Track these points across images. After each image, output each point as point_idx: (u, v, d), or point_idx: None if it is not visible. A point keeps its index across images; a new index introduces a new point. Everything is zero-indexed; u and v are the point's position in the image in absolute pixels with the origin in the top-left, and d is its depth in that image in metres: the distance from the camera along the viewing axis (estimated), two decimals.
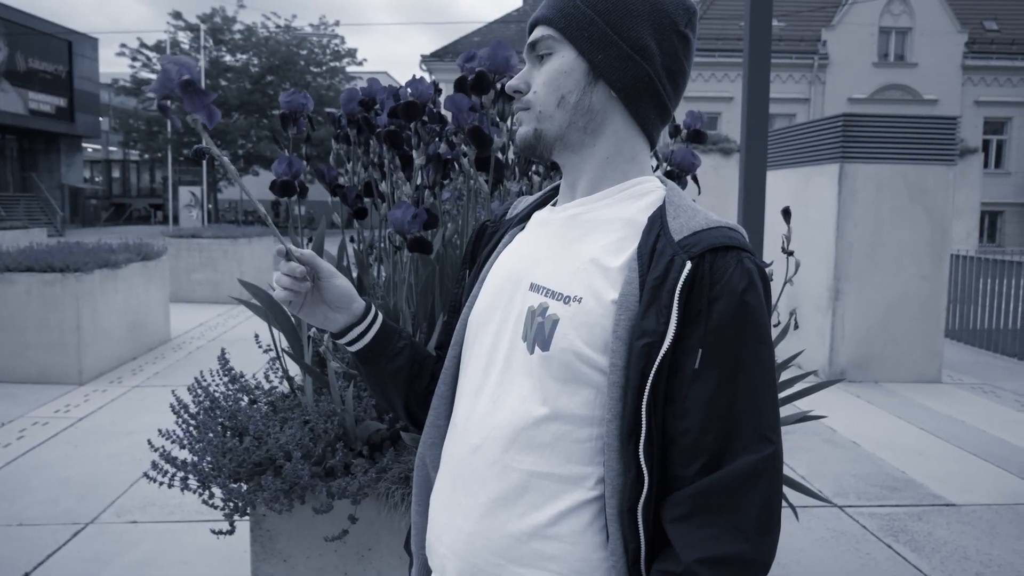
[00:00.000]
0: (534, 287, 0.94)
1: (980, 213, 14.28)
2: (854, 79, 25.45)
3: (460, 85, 1.79)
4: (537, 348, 0.90)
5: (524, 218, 1.07)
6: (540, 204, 1.08)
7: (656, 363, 0.82)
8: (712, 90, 25.21)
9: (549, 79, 0.94)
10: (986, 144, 25.09)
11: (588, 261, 0.92)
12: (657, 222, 0.90)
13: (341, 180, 2.29)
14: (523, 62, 1.02)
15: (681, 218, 0.89)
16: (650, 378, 0.83)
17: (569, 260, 0.93)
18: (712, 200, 8.68)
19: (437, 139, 1.96)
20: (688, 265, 0.83)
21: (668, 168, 1.94)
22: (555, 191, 1.08)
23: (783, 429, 2.17)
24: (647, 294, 0.85)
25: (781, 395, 2.11)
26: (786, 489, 2.15)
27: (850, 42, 25.41)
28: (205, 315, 9.26)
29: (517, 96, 0.97)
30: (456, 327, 1.07)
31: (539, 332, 0.91)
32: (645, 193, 0.96)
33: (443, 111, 2.01)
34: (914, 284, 6.44)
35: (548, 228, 1.00)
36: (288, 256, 1.00)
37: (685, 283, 0.83)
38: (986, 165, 23.52)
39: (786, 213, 1.96)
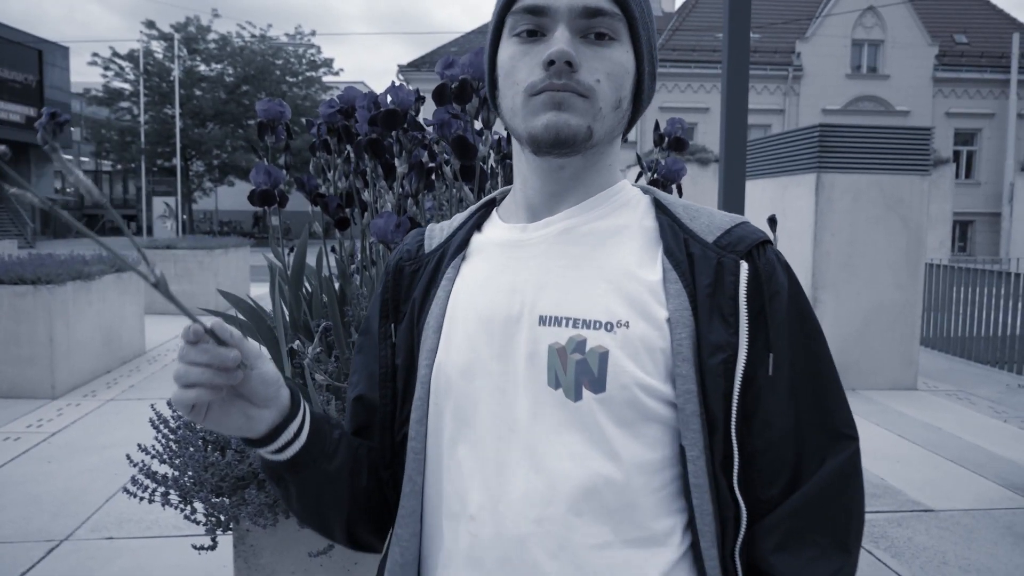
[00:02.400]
0: (547, 320, 0.77)
1: (952, 222, 14.53)
2: (828, 90, 25.84)
3: (440, 93, 1.78)
4: (587, 391, 0.74)
5: (462, 245, 0.88)
6: (474, 226, 0.91)
7: (739, 379, 0.75)
8: (688, 101, 25.45)
9: (615, 72, 0.78)
10: (957, 155, 25.57)
11: (619, 277, 0.78)
12: (671, 226, 0.82)
13: (321, 189, 2.27)
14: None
15: (701, 218, 0.82)
16: (735, 398, 0.75)
17: (590, 280, 0.78)
18: None
19: (420, 147, 1.95)
20: (744, 266, 0.78)
21: (654, 177, 1.95)
22: (485, 211, 0.92)
23: None
24: (704, 304, 0.76)
25: None
26: None
27: (824, 54, 25.80)
28: (181, 327, 9.09)
29: (566, 70, 0.75)
30: (409, 396, 0.85)
31: (583, 372, 0.74)
32: (633, 198, 0.86)
33: (423, 122, 2.00)
34: (890, 293, 6.52)
35: (531, 249, 0.82)
36: (210, 336, 0.68)
37: (747, 286, 0.77)
38: (957, 176, 23.93)
39: (772, 221, 1.96)
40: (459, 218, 0.93)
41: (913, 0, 25.64)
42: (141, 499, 1.97)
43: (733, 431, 0.75)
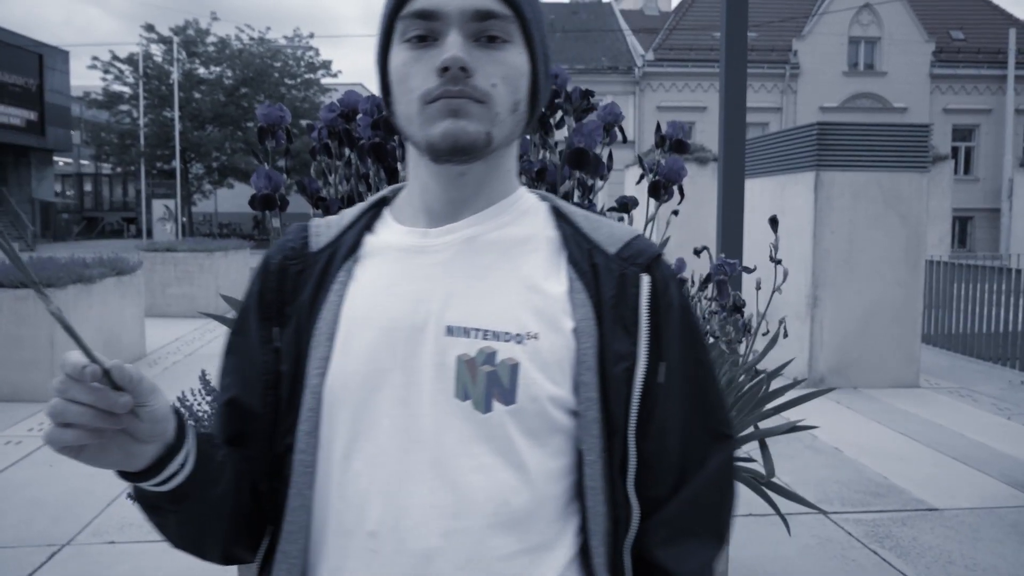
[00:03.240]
0: (455, 331, 0.76)
1: (952, 219, 14.51)
2: (825, 88, 25.82)
3: None
4: (496, 403, 0.74)
5: (354, 246, 0.84)
6: (365, 227, 0.87)
7: (638, 386, 0.78)
8: (686, 100, 25.43)
9: (511, 75, 0.77)
10: (955, 151, 25.54)
11: (526, 289, 0.78)
12: (574, 235, 0.83)
13: (323, 193, 2.26)
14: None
15: (602, 229, 0.84)
16: (635, 404, 0.78)
17: (499, 291, 0.78)
18: (689, 209, 8.70)
19: None
20: (646, 279, 0.81)
21: (655, 178, 1.94)
22: (376, 210, 0.89)
23: (769, 440, 2.17)
24: (608, 314, 0.79)
25: (771, 405, 2.11)
26: (775, 497, 2.15)
27: (820, 52, 25.78)
28: (181, 330, 9.14)
29: (461, 76, 0.73)
30: (294, 405, 0.80)
31: (493, 383, 0.74)
32: (533, 206, 0.86)
33: None
34: (891, 290, 6.51)
35: (434, 256, 0.80)
36: (104, 378, 0.62)
37: (649, 298, 0.80)
38: (955, 172, 23.92)
39: (773, 222, 1.96)
40: (348, 216, 0.88)
41: None
42: None
43: (631, 436, 0.78)
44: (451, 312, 0.77)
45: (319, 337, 0.79)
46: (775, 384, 2.22)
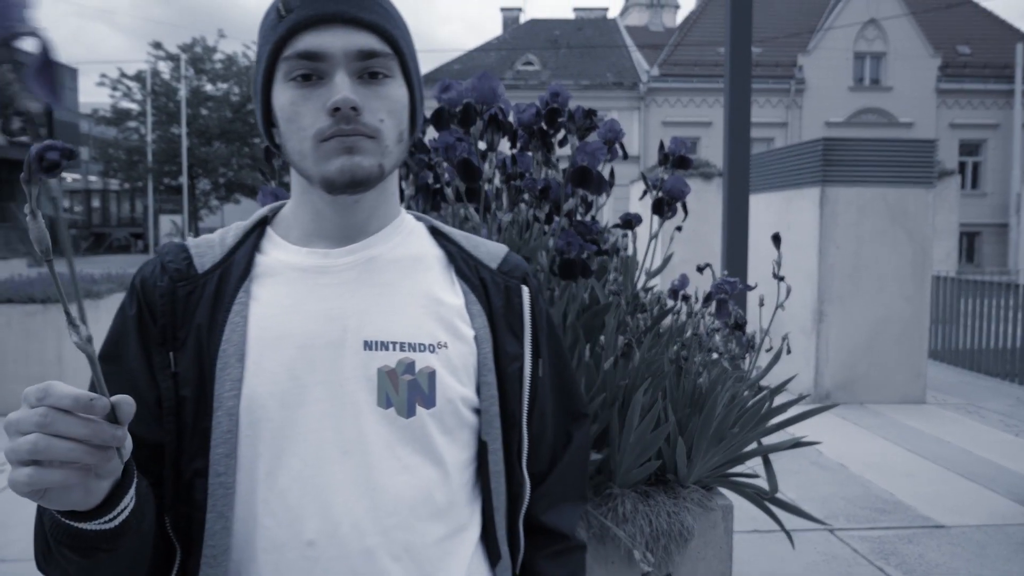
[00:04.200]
0: (373, 345, 0.82)
1: (959, 234, 14.48)
2: (830, 103, 25.86)
3: (437, 117, 1.79)
4: (419, 407, 0.82)
5: (247, 266, 0.85)
6: (253, 247, 0.88)
7: (527, 381, 0.91)
8: (691, 115, 25.51)
9: (395, 109, 0.82)
10: (962, 166, 25.50)
11: (430, 302, 0.86)
12: (459, 253, 0.93)
13: None
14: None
15: (480, 248, 0.95)
16: (527, 396, 0.91)
17: (407, 306, 0.85)
18: (694, 225, 8.73)
19: (427, 169, 1.96)
20: (526, 290, 0.93)
21: (658, 195, 1.96)
22: (259, 230, 0.90)
23: (773, 456, 2.17)
24: (500, 322, 0.90)
25: (775, 421, 2.11)
26: (779, 512, 2.14)
27: (826, 67, 25.84)
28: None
29: (352, 115, 0.78)
30: (199, 429, 0.79)
31: (414, 391, 0.82)
32: (416, 227, 0.94)
33: (428, 143, 2.01)
34: (897, 305, 6.50)
35: (340, 275, 0.84)
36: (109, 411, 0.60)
37: (530, 305, 0.93)
38: (963, 187, 23.88)
39: (776, 239, 1.97)
40: (232, 235, 0.89)
41: (915, 12, 25.70)
42: None
43: (524, 423, 0.91)
44: (367, 328, 0.83)
45: (227, 358, 0.80)
46: (780, 400, 2.22)
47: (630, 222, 2.05)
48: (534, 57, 27.17)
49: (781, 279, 2.04)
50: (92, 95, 36.11)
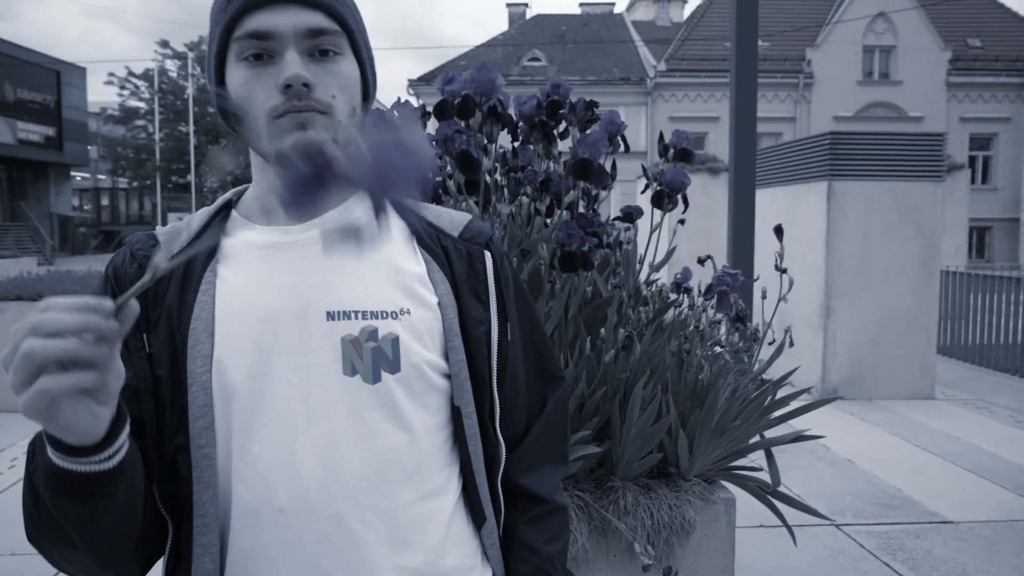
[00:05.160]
0: (336, 315, 0.83)
1: (968, 229, 14.40)
2: (839, 97, 25.74)
3: (440, 108, 1.78)
4: (384, 373, 0.83)
5: (212, 249, 0.88)
6: (218, 229, 0.91)
7: (495, 345, 0.92)
8: (698, 110, 25.43)
9: (346, 85, 0.84)
10: (972, 160, 25.34)
11: (392, 271, 0.88)
12: (421, 223, 0.94)
13: None
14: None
15: (442, 216, 0.97)
16: (494, 360, 0.92)
17: (368, 276, 0.86)
18: (701, 220, 8.73)
19: None
20: (488, 255, 0.95)
21: (658, 188, 1.95)
22: (223, 213, 0.93)
23: (777, 449, 2.16)
24: (463, 287, 0.91)
25: (777, 413, 2.10)
26: (783, 507, 2.13)
27: (834, 61, 25.72)
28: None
29: (304, 92, 0.79)
30: (177, 405, 0.82)
31: (379, 357, 0.83)
32: None
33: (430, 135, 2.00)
34: (905, 300, 6.46)
35: (301, 250, 0.86)
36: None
37: (493, 270, 0.94)
38: (973, 181, 23.73)
39: (778, 231, 1.96)
40: (197, 220, 0.92)
41: (925, 5, 25.53)
42: None
43: (494, 387, 0.93)
44: (329, 298, 0.84)
45: (197, 336, 0.82)
46: (785, 395, 2.21)
47: (631, 215, 2.04)
48: (540, 53, 27.13)
49: (784, 271, 2.03)
50: (100, 94, 36.33)
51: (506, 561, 0.97)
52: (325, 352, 0.83)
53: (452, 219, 0.97)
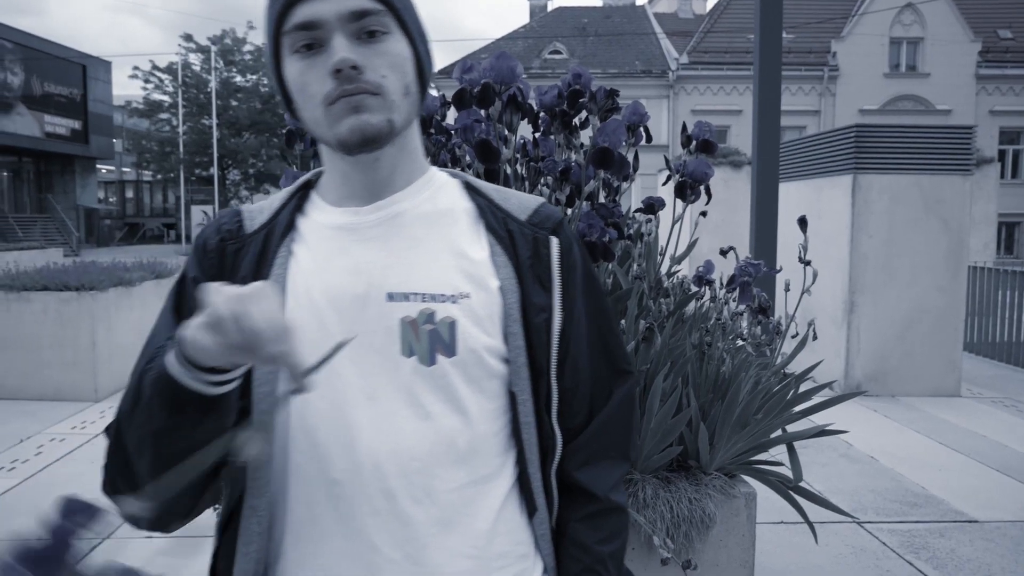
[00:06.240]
0: (396, 296, 0.86)
1: (997, 224, 14.16)
2: (865, 90, 25.39)
3: (459, 98, 1.77)
4: (440, 356, 0.85)
5: (288, 226, 0.92)
6: (296, 208, 0.95)
7: (556, 333, 0.91)
8: (721, 103, 25.21)
9: (396, 63, 0.84)
10: (1002, 154, 24.89)
11: (454, 255, 0.89)
12: (488, 206, 0.94)
13: None
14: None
15: (511, 200, 0.96)
16: (555, 348, 0.91)
17: (431, 259, 0.88)
18: (723, 213, 8.64)
19: (443, 151, 1.95)
20: (555, 241, 0.93)
21: (680, 179, 1.92)
22: (302, 193, 0.96)
23: (799, 445, 2.13)
24: (527, 273, 0.90)
25: (799, 408, 2.07)
26: (804, 503, 2.11)
27: (860, 53, 25.36)
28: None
29: (353, 75, 0.81)
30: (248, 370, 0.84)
31: (435, 340, 0.85)
32: (447, 183, 0.96)
33: (448, 125, 2.00)
34: (931, 296, 6.36)
35: (368, 232, 0.89)
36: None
37: (558, 256, 0.93)
38: (1002, 175, 23.32)
39: (802, 222, 1.93)
40: (278, 199, 0.96)
41: None
42: None
43: (553, 375, 0.91)
44: (390, 280, 0.86)
45: None
46: (807, 389, 2.18)
47: (653, 206, 2.02)
48: (561, 45, 27.02)
49: (807, 263, 2.00)
50: (125, 88, 36.77)
51: (557, 556, 0.96)
52: (384, 332, 0.85)
53: (521, 202, 0.96)
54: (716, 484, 1.95)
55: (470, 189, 0.96)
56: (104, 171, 39.17)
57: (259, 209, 0.96)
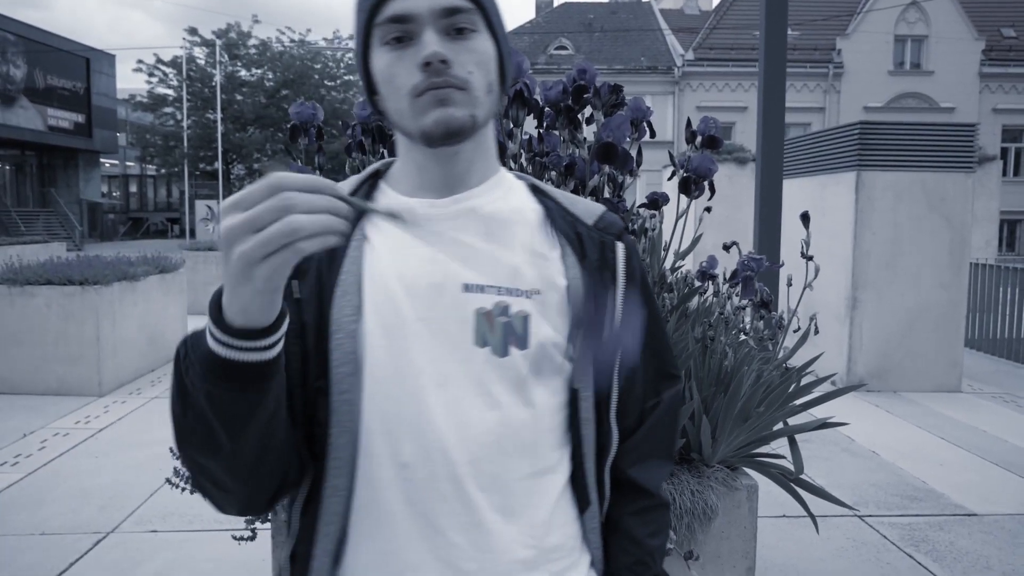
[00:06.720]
0: (472, 287, 0.87)
1: (999, 221, 14.15)
2: (869, 88, 25.35)
3: None
4: (513, 348, 0.87)
5: (359, 213, 0.91)
6: (366, 196, 0.96)
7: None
8: (726, 100, 25.18)
9: (482, 61, 0.87)
10: (1004, 152, 24.87)
11: (527, 253, 0.91)
12: (557, 209, 0.97)
13: None
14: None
15: (578, 204, 0.99)
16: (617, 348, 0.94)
17: (504, 254, 0.90)
18: (729, 210, 8.66)
19: None
20: (621, 246, 0.97)
21: (685, 174, 1.94)
22: (371, 182, 0.98)
23: (800, 436, 2.15)
24: (594, 275, 0.93)
25: (801, 401, 2.09)
26: (806, 496, 2.13)
27: (865, 51, 25.32)
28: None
29: (442, 68, 0.83)
30: (321, 350, 0.86)
31: (508, 332, 0.87)
32: (516, 184, 0.99)
33: None
34: (933, 293, 6.38)
35: (444, 223, 0.91)
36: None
37: (624, 261, 0.96)
38: (1005, 173, 23.30)
39: (805, 218, 1.95)
40: (347, 186, 0.97)
41: None
42: (183, 490, 2.03)
43: (616, 374, 0.95)
44: (466, 272, 0.88)
45: (346, 287, 0.88)
46: (809, 383, 2.20)
47: (656, 202, 2.04)
48: (567, 41, 26.99)
49: (810, 258, 2.02)
50: (129, 81, 36.71)
51: (606, 550, 0.98)
52: (458, 322, 0.86)
53: (587, 208, 0.99)
54: (718, 476, 1.97)
55: (536, 191, 1.00)
56: (108, 165, 39.20)
57: None
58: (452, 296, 0.87)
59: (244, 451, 0.77)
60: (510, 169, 1.03)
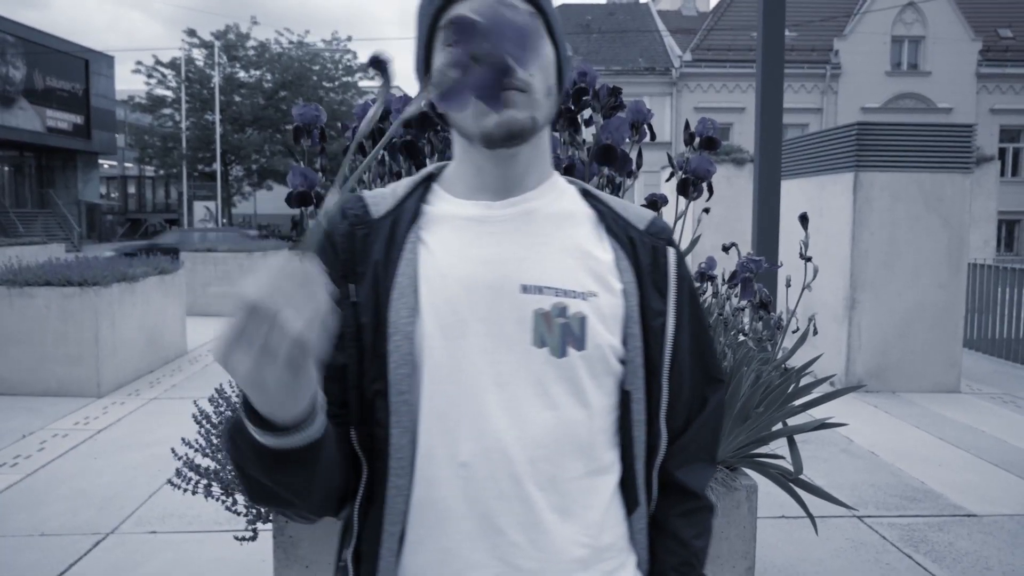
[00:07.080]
0: (530, 289, 0.89)
1: (997, 222, 14.17)
2: (867, 88, 25.37)
3: None
4: (571, 349, 0.88)
5: (415, 215, 0.94)
6: (420, 199, 0.97)
7: (671, 338, 0.95)
8: (724, 101, 25.20)
9: (543, 64, 0.89)
10: (1002, 152, 24.88)
11: (582, 255, 0.92)
12: (609, 213, 0.98)
13: (357, 191, 2.30)
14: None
15: (629, 210, 1.00)
16: (668, 351, 0.95)
17: (561, 257, 0.92)
18: (727, 211, 8.67)
19: (450, 148, 1.97)
20: (672, 251, 0.98)
21: (683, 176, 1.95)
22: (425, 185, 0.99)
23: (799, 437, 2.16)
24: (647, 279, 0.95)
25: (800, 401, 2.10)
26: (805, 496, 2.14)
27: (862, 51, 25.34)
28: (221, 328, 9.31)
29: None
30: (378, 352, 0.87)
31: (566, 333, 0.88)
32: (568, 188, 1.00)
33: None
34: (931, 293, 6.39)
35: (501, 225, 0.92)
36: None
37: (675, 266, 0.97)
38: (1002, 173, 23.28)
39: (803, 219, 1.96)
40: (401, 188, 0.98)
41: None
42: (185, 490, 2.04)
43: (665, 378, 0.95)
44: (524, 273, 0.89)
45: (402, 289, 0.89)
46: (808, 383, 2.21)
47: (655, 203, 2.05)
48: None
49: (808, 259, 2.02)
50: (128, 82, 36.61)
51: (652, 550, 0.99)
52: (517, 322, 0.87)
53: (638, 213, 1.01)
54: (718, 477, 1.98)
55: (588, 196, 1.01)
56: (106, 166, 39.16)
57: (382, 195, 0.98)
58: (510, 297, 0.88)
59: (313, 496, 0.82)
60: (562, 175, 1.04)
